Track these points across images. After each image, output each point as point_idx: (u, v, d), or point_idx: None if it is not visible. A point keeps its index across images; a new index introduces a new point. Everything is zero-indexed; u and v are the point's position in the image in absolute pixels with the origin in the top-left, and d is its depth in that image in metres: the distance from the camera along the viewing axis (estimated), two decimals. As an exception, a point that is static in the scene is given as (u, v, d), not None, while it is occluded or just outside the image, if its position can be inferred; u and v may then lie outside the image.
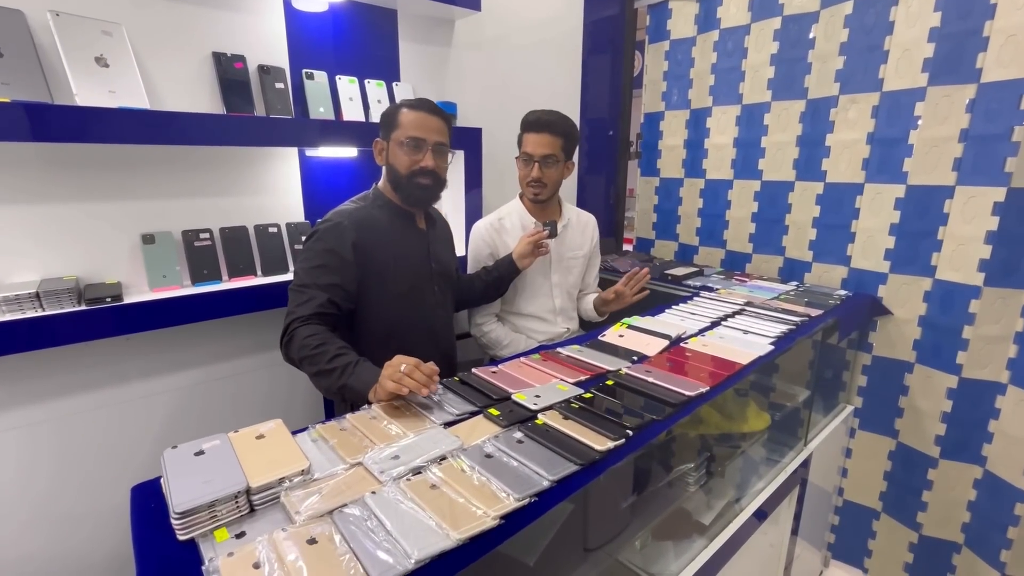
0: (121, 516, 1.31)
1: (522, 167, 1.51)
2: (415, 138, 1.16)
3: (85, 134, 1.07)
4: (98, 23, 1.13)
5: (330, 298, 1.08)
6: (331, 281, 1.09)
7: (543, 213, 1.58)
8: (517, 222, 1.56)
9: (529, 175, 1.48)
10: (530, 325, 1.61)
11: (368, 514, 0.63)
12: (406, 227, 1.25)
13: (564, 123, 1.47)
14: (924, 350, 1.59)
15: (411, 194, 1.21)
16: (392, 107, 1.22)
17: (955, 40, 1.40)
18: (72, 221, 1.18)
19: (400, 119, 1.17)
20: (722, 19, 1.94)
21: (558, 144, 1.46)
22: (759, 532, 1.32)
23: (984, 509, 1.53)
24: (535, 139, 1.46)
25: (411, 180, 1.18)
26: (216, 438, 0.75)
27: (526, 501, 0.66)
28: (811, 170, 1.78)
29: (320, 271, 1.10)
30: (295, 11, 1.44)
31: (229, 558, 0.56)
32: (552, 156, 1.46)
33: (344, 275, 1.11)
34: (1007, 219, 1.38)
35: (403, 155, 1.17)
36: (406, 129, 1.16)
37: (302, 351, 1.02)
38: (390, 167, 1.21)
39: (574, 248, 1.63)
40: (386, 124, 1.21)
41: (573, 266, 1.63)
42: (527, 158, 1.48)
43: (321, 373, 0.99)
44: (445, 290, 1.34)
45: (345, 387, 0.97)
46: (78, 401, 1.24)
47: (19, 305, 1.06)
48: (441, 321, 1.33)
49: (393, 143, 1.19)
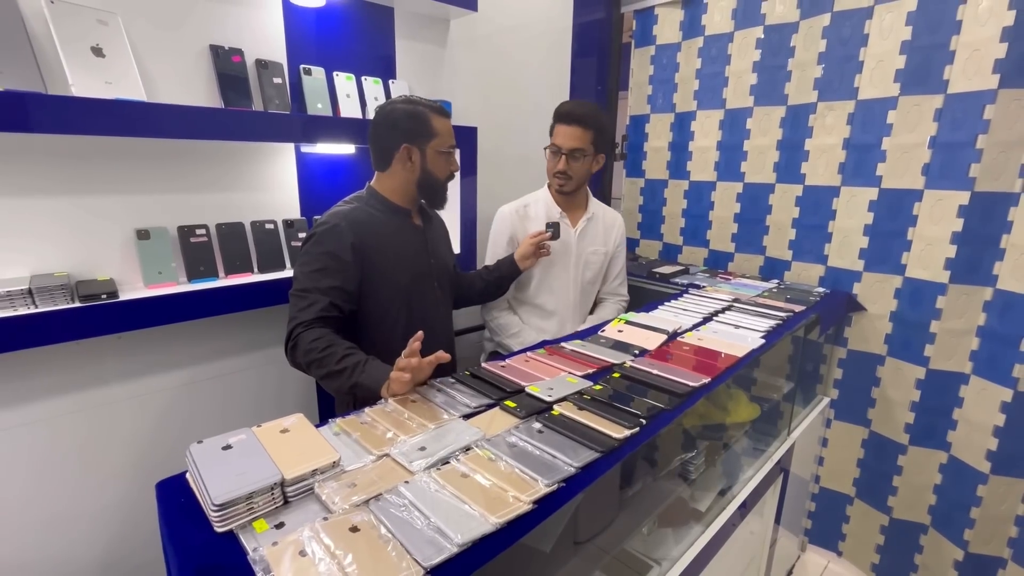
0: (111, 516, 1.28)
1: (550, 158, 1.51)
2: (452, 146, 1.22)
3: (81, 126, 1.04)
4: (94, 11, 1.10)
5: (332, 301, 1.09)
6: (332, 284, 1.10)
7: (569, 205, 1.59)
8: (542, 211, 1.57)
9: (555, 167, 1.48)
10: (540, 323, 1.61)
11: (405, 502, 0.65)
12: (403, 225, 1.25)
13: (597, 116, 1.47)
14: (895, 344, 1.69)
15: (440, 197, 1.27)
16: (418, 112, 1.18)
17: (924, 53, 1.50)
18: (62, 215, 1.14)
19: (436, 127, 1.19)
20: (707, 26, 2.01)
21: (588, 137, 1.45)
22: (746, 521, 1.38)
23: (949, 492, 1.64)
24: (565, 131, 1.46)
25: (445, 184, 1.25)
26: (241, 432, 0.75)
27: (555, 486, 0.69)
28: (791, 173, 1.87)
29: (320, 274, 1.10)
30: (293, 6, 1.42)
31: (274, 547, 0.57)
32: (580, 150, 1.46)
33: (345, 277, 1.12)
34: (971, 221, 1.48)
35: (444, 163, 1.22)
36: (445, 138, 1.20)
37: (309, 355, 1.02)
38: (427, 173, 1.21)
39: (595, 244, 1.62)
40: (417, 132, 1.18)
41: (592, 262, 1.62)
42: (555, 150, 1.48)
43: (331, 375, 1.01)
44: (444, 286, 1.35)
45: (357, 385, 0.98)
46: (68, 401, 1.19)
47: (11, 302, 1.02)
48: (440, 317, 1.35)
49: (432, 151, 1.20)
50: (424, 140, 1.19)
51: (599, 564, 1.05)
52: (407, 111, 1.18)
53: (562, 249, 1.55)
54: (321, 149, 1.52)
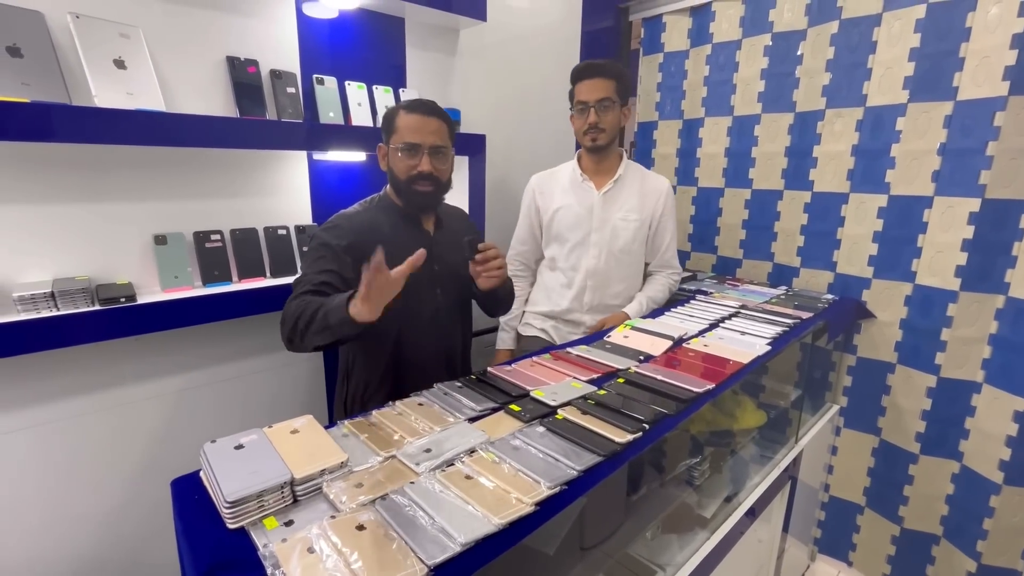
0: (126, 515, 1.32)
1: (578, 117, 1.50)
2: (410, 144, 1.15)
3: (103, 135, 1.08)
4: (116, 25, 1.14)
5: (324, 280, 1.09)
6: (325, 268, 1.11)
7: (598, 168, 1.57)
8: (567, 175, 1.59)
9: (585, 123, 1.47)
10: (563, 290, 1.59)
11: (410, 503, 0.66)
12: (410, 230, 1.24)
13: (615, 66, 1.48)
14: (905, 351, 1.68)
15: (411, 200, 1.20)
16: (390, 110, 1.20)
17: (933, 60, 1.50)
18: (83, 221, 1.18)
19: (397, 123, 1.16)
20: (714, 34, 2.02)
21: (611, 86, 1.45)
22: (753, 528, 1.38)
23: (961, 502, 1.62)
24: (588, 85, 1.46)
25: (410, 186, 1.18)
26: (253, 433, 0.77)
27: (557, 489, 0.70)
28: (799, 180, 1.87)
29: (317, 263, 1.12)
30: (307, 18, 1.46)
31: (283, 543, 0.59)
32: (608, 99, 1.45)
33: (340, 264, 1.12)
34: (982, 228, 1.47)
35: (400, 161, 1.17)
36: (402, 134, 1.15)
37: (289, 327, 1.03)
38: (392, 173, 1.20)
39: (626, 210, 1.55)
40: (386, 128, 1.20)
41: (623, 228, 1.55)
42: (582, 107, 1.48)
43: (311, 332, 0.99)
44: (450, 293, 1.29)
45: (331, 328, 0.96)
46: (86, 402, 1.23)
47: (34, 305, 1.06)
48: (444, 324, 1.29)
49: (391, 148, 1.18)
50: (388, 136, 1.19)
51: (604, 568, 1.06)
52: (388, 110, 1.21)
53: (584, 214, 1.53)
54: (332, 156, 1.56)
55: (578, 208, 1.56)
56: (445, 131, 1.20)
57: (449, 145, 1.21)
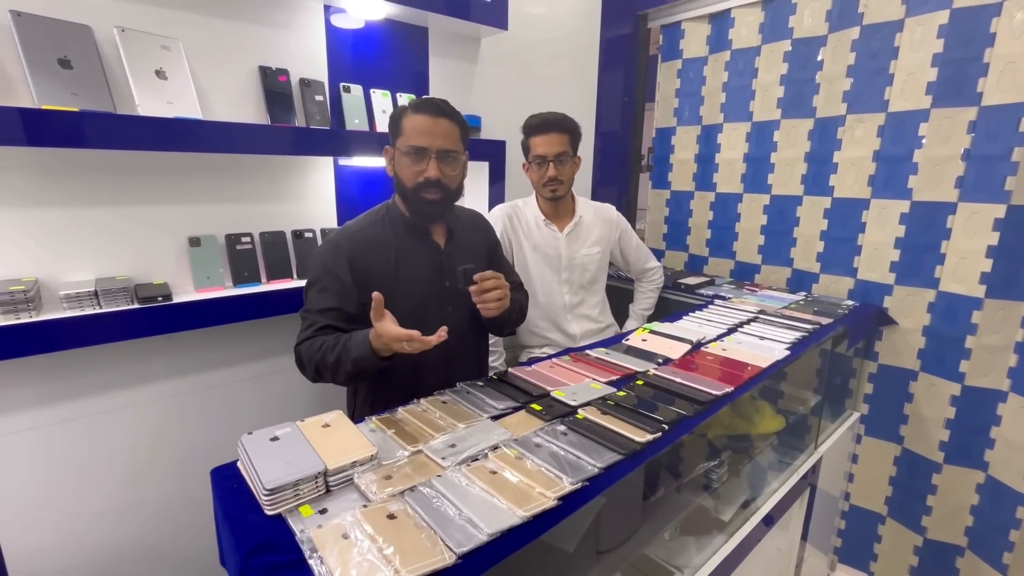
0: (161, 506, 1.36)
1: (536, 170, 1.58)
2: (416, 147, 1.06)
3: (146, 142, 1.14)
4: (158, 38, 1.20)
5: (328, 323, 1.07)
6: (329, 306, 1.07)
7: (557, 212, 1.66)
8: (531, 217, 1.64)
9: (544, 175, 1.56)
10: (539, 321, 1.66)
11: (437, 494, 0.69)
12: (417, 242, 1.16)
13: (568, 120, 1.56)
14: (928, 359, 1.66)
15: (418, 209, 1.11)
16: (398, 110, 1.11)
17: (957, 65, 1.49)
18: (122, 223, 1.24)
19: (404, 124, 1.08)
20: (733, 40, 2.03)
21: (566, 140, 1.55)
22: (770, 535, 1.37)
23: (987, 513, 1.59)
24: (545, 140, 1.54)
25: (416, 194, 1.08)
26: (287, 426, 0.80)
27: (579, 485, 0.72)
28: (819, 185, 1.86)
29: (320, 296, 1.08)
30: (335, 28, 1.51)
31: (319, 530, 0.62)
32: (564, 153, 1.55)
33: (342, 298, 1.07)
34: (1007, 234, 1.46)
35: (406, 166, 1.08)
36: (408, 136, 1.07)
37: (313, 365, 1.04)
38: (397, 179, 1.12)
39: (588, 245, 1.68)
40: (392, 129, 1.11)
41: (589, 262, 1.68)
42: (540, 160, 1.56)
43: (335, 371, 1.00)
44: (461, 309, 1.17)
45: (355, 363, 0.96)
46: (115, 399, 1.27)
47: (79, 303, 1.11)
48: (454, 344, 1.05)
49: (397, 151, 1.09)
50: (394, 139, 1.11)
51: (621, 568, 1.07)
52: (395, 110, 1.13)
53: (552, 254, 1.63)
54: (357, 162, 1.60)
55: (546, 249, 1.64)
56: (456, 134, 1.10)
57: (460, 149, 1.12)
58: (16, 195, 1.11)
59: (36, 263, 1.15)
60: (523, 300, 1.35)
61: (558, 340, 1.68)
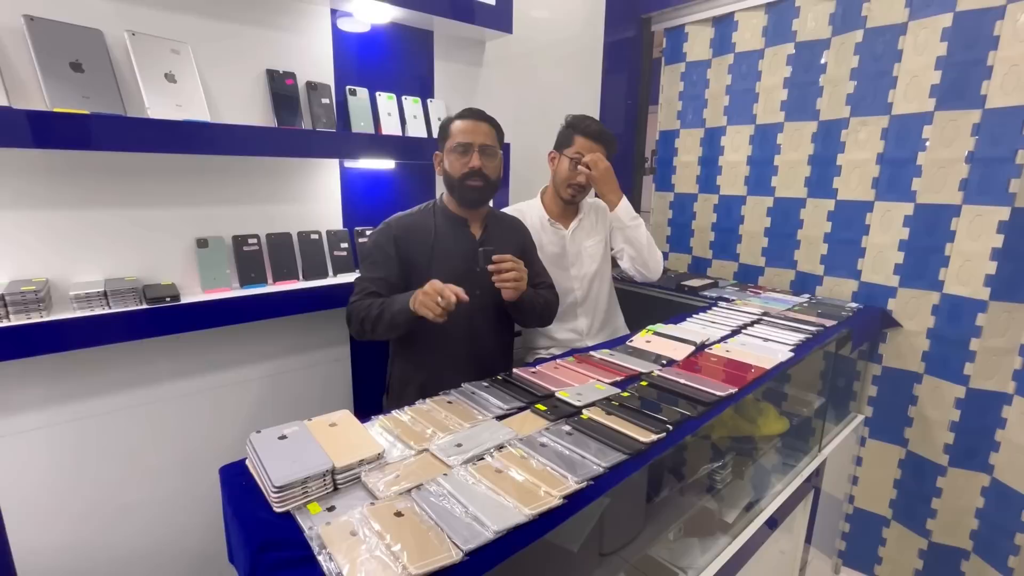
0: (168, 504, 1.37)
1: (569, 167, 1.57)
2: (463, 143, 1.29)
3: (156, 144, 1.15)
4: (168, 42, 1.22)
5: (375, 289, 1.28)
6: (377, 275, 1.30)
7: (565, 211, 1.66)
8: (536, 217, 1.64)
9: (575, 178, 1.57)
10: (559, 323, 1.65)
11: (444, 492, 0.69)
12: (457, 232, 1.36)
13: (615, 139, 1.64)
14: (932, 361, 1.66)
15: (464, 196, 1.32)
16: (445, 120, 1.36)
17: (960, 68, 1.50)
18: (131, 225, 1.25)
19: (451, 129, 1.32)
20: (737, 43, 2.04)
21: (603, 155, 1.58)
22: (774, 537, 1.37)
23: (992, 516, 1.58)
24: (593, 147, 1.56)
25: (463, 183, 1.30)
26: (295, 425, 0.81)
27: (584, 484, 0.73)
28: (823, 188, 1.86)
29: (370, 266, 1.31)
30: (341, 32, 1.53)
31: (327, 527, 0.62)
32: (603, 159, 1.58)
33: (388, 268, 1.30)
34: (1011, 237, 1.46)
35: (454, 160, 1.30)
36: (455, 136, 1.30)
37: (360, 322, 1.23)
38: (446, 174, 1.33)
39: (592, 237, 1.69)
40: (441, 136, 1.35)
41: (595, 253, 1.69)
42: (575, 163, 1.56)
43: (377, 322, 1.20)
44: (489, 294, 1.30)
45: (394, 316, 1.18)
46: (122, 398, 1.28)
47: (88, 303, 1.13)
48: (479, 324, 1.35)
49: (447, 151, 1.32)
50: (443, 143, 1.34)
51: (625, 569, 1.07)
52: (443, 121, 1.36)
53: (559, 252, 1.63)
54: (363, 164, 1.62)
55: (553, 248, 1.63)
56: (494, 134, 1.34)
57: (498, 146, 1.34)
58: (28, 197, 1.12)
59: (46, 264, 1.16)
60: (551, 299, 1.46)
61: (566, 339, 1.68)
